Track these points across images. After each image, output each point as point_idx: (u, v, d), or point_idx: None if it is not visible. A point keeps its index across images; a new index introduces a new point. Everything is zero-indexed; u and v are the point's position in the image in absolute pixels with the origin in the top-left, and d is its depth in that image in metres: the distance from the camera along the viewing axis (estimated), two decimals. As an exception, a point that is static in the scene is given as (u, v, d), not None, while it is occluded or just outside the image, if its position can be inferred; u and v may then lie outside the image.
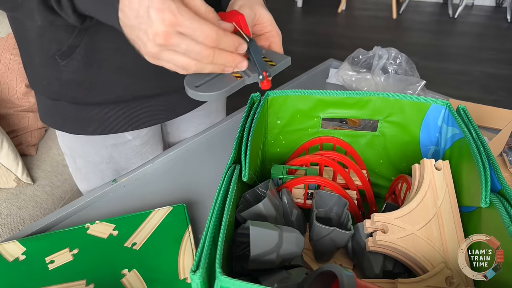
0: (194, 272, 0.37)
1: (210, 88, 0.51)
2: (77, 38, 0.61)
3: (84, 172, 0.83)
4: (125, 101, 0.72)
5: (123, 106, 0.73)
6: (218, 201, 0.45)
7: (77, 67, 0.65)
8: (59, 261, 0.60)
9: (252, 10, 0.55)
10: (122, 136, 0.78)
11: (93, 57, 0.64)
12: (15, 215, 1.11)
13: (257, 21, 0.56)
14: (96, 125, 0.73)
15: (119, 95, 0.70)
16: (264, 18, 0.56)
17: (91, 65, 0.65)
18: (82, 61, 0.64)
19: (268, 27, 0.56)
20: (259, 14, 0.56)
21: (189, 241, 0.63)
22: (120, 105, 0.73)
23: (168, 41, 0.41)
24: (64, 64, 0.64)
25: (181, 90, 0.76)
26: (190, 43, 0.42)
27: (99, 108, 0.72)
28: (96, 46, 0.63)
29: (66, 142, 0.80)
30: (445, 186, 0.53)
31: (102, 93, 0.69)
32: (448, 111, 0.59)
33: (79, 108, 0.71)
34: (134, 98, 0.72)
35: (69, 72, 0.65)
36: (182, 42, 0.42)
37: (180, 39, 0.42)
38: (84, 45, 0.62)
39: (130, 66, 0.67)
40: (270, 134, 0.67)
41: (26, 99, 1.31)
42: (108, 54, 0.65)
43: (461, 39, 3.54)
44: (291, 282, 0.44)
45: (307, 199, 0.60)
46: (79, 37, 0.61)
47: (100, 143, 0.77)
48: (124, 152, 0.80)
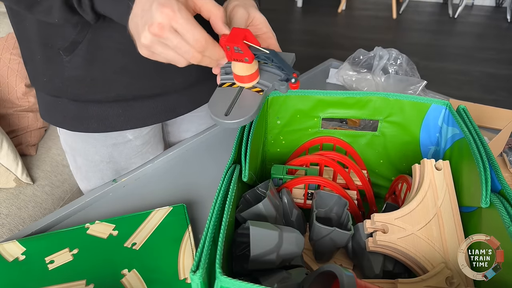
0: (194, 272, 0.37)
1: (240, 112, 0.51)
2: (80, 34, 0.62)
3: (84, 170, 0.83)
4: (125, 99, 0.72)
5: (123, 104, 0.73)
6: (218, 201, 0.45)
7: (79, 64, 0.65)
8: (59, 261, 0.60)
9: (246, 11, 0.56)
10: (123, 136, 0.78)
11: (95, 54, 0.64)
12: (14, 215, 1.11)
13: (251, 23, 0.57)
14: (95, 123, 0.74)
15: (119, 94, 0.70)
16: (258, 20, 0.57)
17: (93, 62, 0.65)
18: (84, 57, 0.64)
19: (263, 29, 0.58)
20: (253, 16, 0.57)
21: (189, 241, 0.63)
22: (121, 104, 0.73)
23: (162, 32, 0.44)
24: (67, 60, 0.64)
25: (181, 91, 0.77)
26: (181, 41, 0.45)
27: (99, 106, 0.72)
28: (99, 44, 0.63)
29: (67, 140, 0.80)
30: (445, 186, 0.53)
31: (103, 91, 0.69)
32: (448, 111, 0.59)
33: (80, 105, 0.71)
34: (135, 97, 0.72)
35: (71, 68, 0.65)
36: (174, 38, 0.45)
37: (172, 34, 0.44)
38: (87, 41, 0.63)
39: (132, 65, 0.67)
40: (270, 134, 0.67)
41: (25, 99, 1.31)
42: (110, 53, 0.65)
43: (461, 39, 3.54)
44: (291, 282, 0.44)
45: (307, 199, 0.60)
46: (82, 33, 0.62)
47: (101, 142, 0.77)
48: (125, 152, 0.80)
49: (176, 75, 0.72)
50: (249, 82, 0.54)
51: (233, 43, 0.48)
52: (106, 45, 0.64)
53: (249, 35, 0.50)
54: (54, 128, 1.41)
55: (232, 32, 0.49)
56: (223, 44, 0.49)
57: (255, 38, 0.50)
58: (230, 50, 0.49)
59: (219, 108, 0.51)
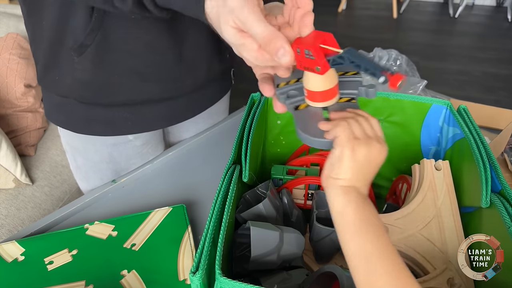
0: (193, 273, 0.36)
1: None
2: (89, 36, 0.61)
3: (84, 170, 0.82)
4: (134, 104, 0.72)
5: (131, 108, 0.73)
6: (218, 202, 0.45)
7: (88, 66, 0.65)
8: (58, 262, 0.60)
9: None
10: (123, 136, 0.78)
11: (104, 57, 0.64)
12: (14, 216, 1.11)
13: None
14: (102, 126, 0.73)
15: (128, 98, 0.70)
16: None
17: (102, 65, 0.65)
18: (93, 60, 0.64)
19: None
20: None
21: (188, 242, 0.63)
22: (128, 108, 0.73)
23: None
24: (77, 62, 0.64)
25: (190, 93, 0.76)
26: None
27: (106, 109, 0.72)
28: (108, 46, 0.63)
29: (68, 140, 0.80)
30: (445, 187, 0.53)
31: (111, 95, 0.69)
32: (449, 111, 0.59)
33: (87, 107, 0.71)
34: (143, 101, 0.72)
35: (80, 70, 0.65)
36: None
37: None
38: (96, 44, 0.62)
39: (142, 68, 0.66)
40: (270, 134, 0.67)
41: (25, 99, 1.31)
42: (120, 55, 0.64)
43: (462, 39, 3.53)
44: (292, 283, 0.43)
45: (308, 200, 0.60)
46: (91, 36, 0.61)
47: (101, 141, 0.77)
48: (125, 152, 0.80)
49: (187, 77, 0.72)
50: (330, 99, 0.44)
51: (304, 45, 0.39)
52: (115, 47, 0.63)
53: (330, 37, 0.40)
54: (54, 129, 1.41)
55: (310, 34, 0.41)
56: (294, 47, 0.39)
57: (335, 42, 0.41)
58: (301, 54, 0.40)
59: (310, 127, 0.43)
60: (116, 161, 0.80)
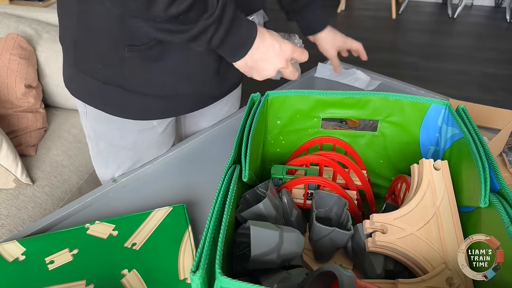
0: (194, 272, 0.37)
1: None
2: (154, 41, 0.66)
3: (105, 155, 0.85)
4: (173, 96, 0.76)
5: (168, 99, 0.77)
6: (218, 201, 0.45)
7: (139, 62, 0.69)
8: (59, 262, 0.60)
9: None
10: (149, 122, 0.81)
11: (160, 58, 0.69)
12: (14, 215, 1.11)
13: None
14: (137, 111, 0.77)
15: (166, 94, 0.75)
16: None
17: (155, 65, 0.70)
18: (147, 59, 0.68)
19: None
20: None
21: (189, 242, 0.63)
22: (166, 99, 0.77)
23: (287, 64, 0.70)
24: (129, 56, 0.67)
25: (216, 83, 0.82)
26: None
27: (145, 98, 0.75)
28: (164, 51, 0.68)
29: (93, 125, 0.82)
30: (444, 186, 0.53)
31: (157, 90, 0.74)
32: (448, 111, 0.59)
33: (127, 94, 0.74)
34: (178, 95, 0.77)
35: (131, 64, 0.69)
36: None
37: None
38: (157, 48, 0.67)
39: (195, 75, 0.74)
40: (270, 134, 0.67)
41: (25, 100, 1.31)
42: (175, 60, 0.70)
43: (461, 39, 3.54)
44: (291, 283, 0.44)
45: (307, 199, 0.60)
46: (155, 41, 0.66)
47: (130, 127, 0.80)
48: (148, 139, 0.83)
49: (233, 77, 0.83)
50: None
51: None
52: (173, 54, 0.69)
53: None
54: (54, 129, 1.41)
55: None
56: None
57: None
58: None
59: None
60: (137, 147, 0.83)
